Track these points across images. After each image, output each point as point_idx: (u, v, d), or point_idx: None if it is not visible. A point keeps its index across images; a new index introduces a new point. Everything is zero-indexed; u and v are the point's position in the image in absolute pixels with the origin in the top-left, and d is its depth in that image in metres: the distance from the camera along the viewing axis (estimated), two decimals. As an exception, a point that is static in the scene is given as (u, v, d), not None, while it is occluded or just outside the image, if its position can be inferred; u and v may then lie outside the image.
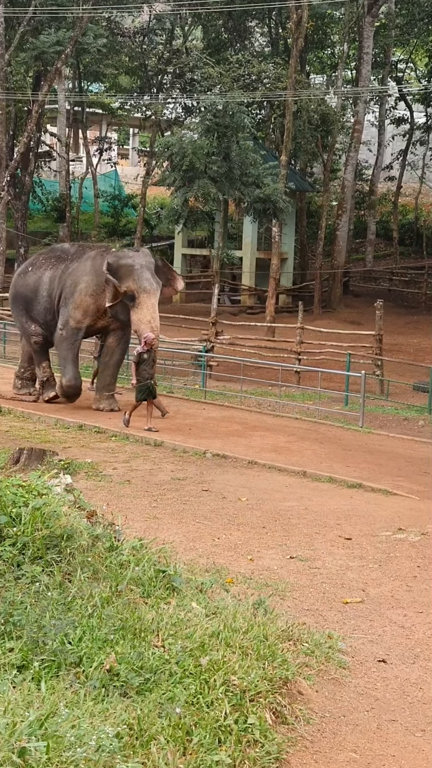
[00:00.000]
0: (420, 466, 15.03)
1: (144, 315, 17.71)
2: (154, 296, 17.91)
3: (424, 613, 7.50)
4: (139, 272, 17.94)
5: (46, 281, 19.17)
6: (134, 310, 17.75)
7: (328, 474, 13.60)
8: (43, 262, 19.65)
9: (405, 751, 5.08)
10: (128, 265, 18.01)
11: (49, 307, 19.11)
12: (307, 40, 36.87)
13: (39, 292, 19.22)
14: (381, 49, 41.11)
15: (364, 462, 15.08)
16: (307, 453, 15.46)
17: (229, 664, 5.10)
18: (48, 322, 19.18)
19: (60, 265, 19.17)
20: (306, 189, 41.12)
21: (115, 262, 18.02)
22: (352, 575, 8.47)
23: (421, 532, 10.18)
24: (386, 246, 45.19)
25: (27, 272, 19.80)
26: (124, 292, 17.66)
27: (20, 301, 19.71)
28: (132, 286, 17.74)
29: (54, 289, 19.00)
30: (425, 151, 46.13)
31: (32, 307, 19.37)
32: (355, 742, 5.09)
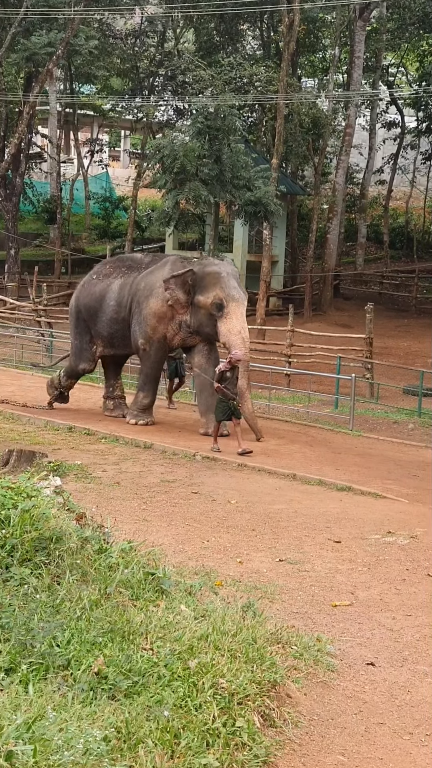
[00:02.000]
0: (409, 470, 15.07)
1: (234, 325, 16.53)
2: (242, 306, 16.82)
3: (413, 616, 7.51)
4: (227, 280, 16.85)
5: (116, 289, 17.83)
6: (222, 321, 16.57)
7: (318, 477, 13.61)
8: (111, 271, 18.30)
9: (392, 754, 5.08)
10: (215, 273, 16.91)
11: (116, 317, 17.73)
12: (298, 44, 36.93)
13: (106, 301, 17.85)
14: (372, 53, 41.21)
15: (353, 465, 15.10)
16: (297, 456, 15.47)
17: (218, 667, 5.10)
18: (113, 334, 17.89)
19: (132, 273, 17.89)
20: (297, 192, 41.18)
21: (201, 270, 16.99)
22: (341, 578, 8.47)
23: (410, 536, 10.20)
24: (377, 249, 45.30)
25: (92, 281, 18.43)
26: (211, 302, 16.54)
27: (84, 315, 18.20)
28: (220, 294, 16.62)
29: (124, 297, 17.68)
30: (416, 155, 46.27)
31: (97, 318, 17.96)
32: (342, 745, 5.09)
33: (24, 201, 44.54)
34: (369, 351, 23.37)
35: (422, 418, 20.04)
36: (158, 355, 17.48)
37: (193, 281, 16.78)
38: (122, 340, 17.87)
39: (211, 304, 16.59)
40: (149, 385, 17.62)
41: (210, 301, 16.61)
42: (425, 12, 38.12)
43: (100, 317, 17.91)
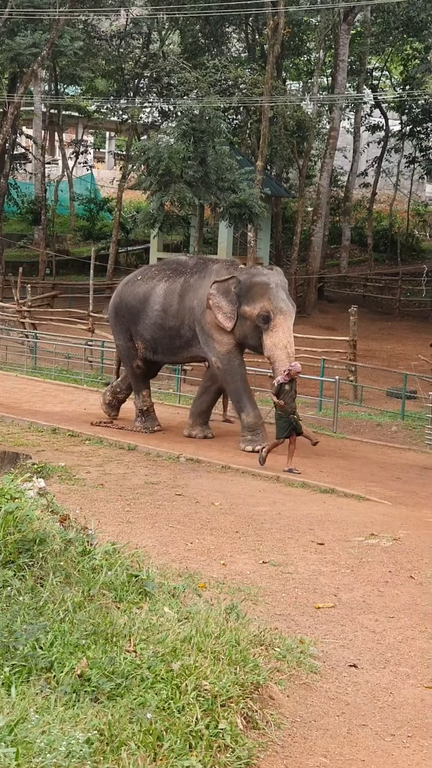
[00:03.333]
0: (393, 472, 15.11)
1: (280, 339, 15.75)
2: (290, 319, 16.06)
3: (395, 618, 7.54)
4: (275, 292, 16.10)
5: (160, 293, 17.12)
6: (268, 333, 15.82)
7: (301, 479, 13.66)
8: (156, 273, 17.63)
9: (375, 755, 5.10)
10: (263, 284, 16.19)
11: (160, 322, 17.05)
12: (283, 47, 36.98)
13: (149, 304, 17.17)
14: (357, 56, 41.31)
15: (337, 467, 15.14)
16: (280, 458, 15.48)
17: (201, 669, 5.10)
18: (156, 339, 17.22)
19: (178, 278, 17.16)
20: (281, 194, 41.22)
21: (248, 280, 16.27)
22: (325, 580, 8.50)
23: (393, 538, 10.23)
24: (361, 252, 45.40)
25: (136, 281, 17.77)
26: (257, 314, 15.89)
27: (124, 313, 17.59)
28: (268, 306, 15.89)
29: (172, 305, 16.96)
30: (400, 158, 46.40)
31: (139, 320, 17.31)
32: (325, 746, 5.10)
33: (8, 202, 44.41)
34: (353, 353, 23.41)
35: (405, 420, 20.10)
36: (234, 366, 16.49)
37: (238, 290, 16.14)
38: (168, 348, 17.26)
39: (258, 315, 15.90)
40: (243, 402, 16.48)
41: (257, 313, 15.92)
42: (409, 16, 38.21)
43: (143, 319, 17.25)
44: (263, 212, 29.93)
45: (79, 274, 40.84)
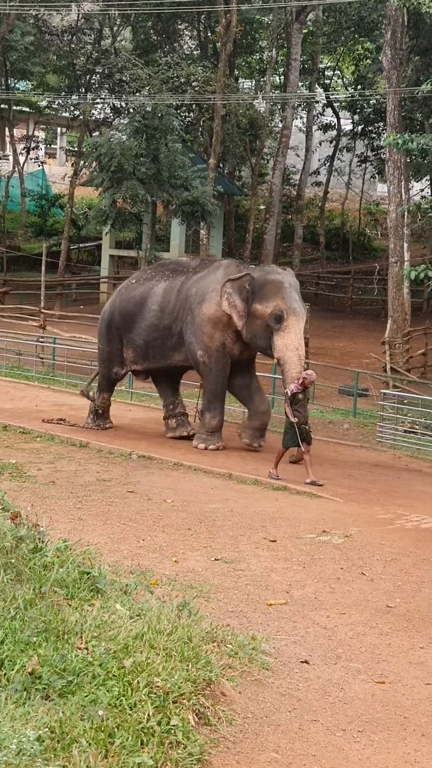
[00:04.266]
0: (344, 469, 15.21)
1: (292, 340, 15.17)
2: (302, 321, 15.55)
3: (347, 614, 7.59)
4: (289, 291, 15.51)
5: (159, 292, 16.45)
6: (279, 334, 15.20)
7: (254, 476, 13.68)
8: (154, 275, 16.99)
9: (325, 750, 5.13)
10: (277, 282, 15.59)
11: (156, 323, 16.35)
12: (235, 45, 37.00)
13: (147, 306, 16.46)
14: (309, 55, 41.48)
15: (289, 465, 15.19)
16: (233, 455, 15.52)
17: (153, 665, 5.09)
18: (149, 342, 16.51)
19: (178, 276, 16.54)
20: (234, 192, 41.27)
21: (262, 277, 15.68)
22: (277, 577, 8.52)
23: (344, 535, 10.31)
24: (313, 250, 45.59)
25: (131, 285, 17.10)
26: (270, 313, 15.27)
27: (118, 321, 16.87)
28: (281, 305, 15.26)
29: (170, 302, 16.29)
30: (352, 157, 46.66)
31: (133, 325, 16.58)
32: (276, 742, 5.12)
33: (-42, 198, 43.96)
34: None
35: (357, 418, 20.23)
36: (219, 366, 15.97)
37: (252, 288, 15.53)
38: (160, 350, 16.52)
39: (270, 314, 15.26)
40: (215, 403, 16.14)
41: (269, 312, 15.28)
42: (360, 16, 38.44)
43: (138, 323, 16.53)
44: (216, 210, 29.94)
45: (30, 270, 40.53)
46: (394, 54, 27.32)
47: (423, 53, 32.02)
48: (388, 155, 28.42)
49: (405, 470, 15.62)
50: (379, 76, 35.72)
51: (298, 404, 14.11)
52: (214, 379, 16.03)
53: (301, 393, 14.21)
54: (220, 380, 16.06)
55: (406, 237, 28.21)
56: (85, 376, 22.80)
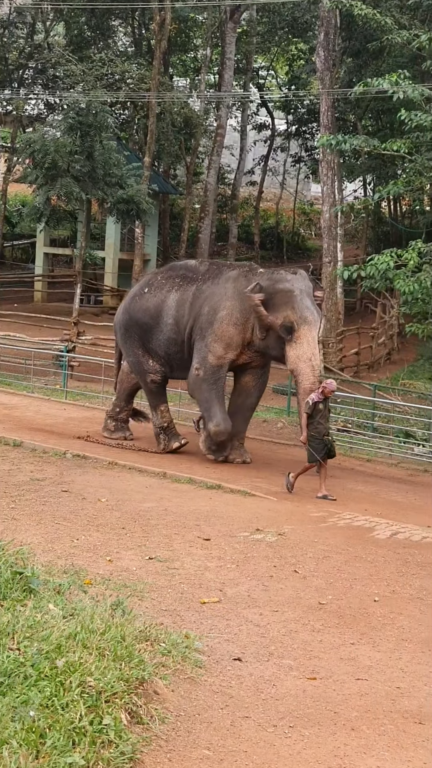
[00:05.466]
0: (278, 468, 15.28)
1: (304, 351, 14.60)
2: (315, 328, 14.93)
3: (279, 611, 7.66)
4: (300, 299, 14.87)
5: (172, 305, 15.75)
6: (292, 345, 14.66)
7: (188, 475, 13.70)
8: (164, 283, 16.18)
9: (257, 746, 5.18)
10: (287, 291, 14.92)
11: (174, 337, 15.72)
12: (170, 43, 37.02)
13: (162, 318, 15.76)
14: (243, 55, 41.62)
15: (223, 463, 15.25)
16: (167, 454, 15.52)
17: (86, 665, 5.09)
18: (171, 355, 15.90)
19: (189, 286, 15.81)
20: (169, 191, 41.25)
21: (270, 286, 14.99)
22: (210, 575, 8.56)
23: (278, 533, 10.39)
24: (248, 250, 45.77)
25: (143, 294, 16.27)
26: (280, 324, 14.74)
27: (135, 330, 16.11)
28: (291, 316, 14.68)
29: (183, 316, 15.63)
30: (286, 157, 46.96)
31: (151, 336, 15.92)
32: (208, 739, 5.15)
33: None
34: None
35: (291, 417, 20.35)
36: (213, 380, 15.37)
37: (264, 298, 14.88)
38: (183, 363, 15.80)
39: (281, 326, 14.71)
40: (215, 409, 15.33)
41: (279, 323, 14.72)
42: (294, 17, 38.70)
43: (156, 336, 15.90)
44: (151, 208, 29.90)
45: (-38, 268, 40.07)
46: (327, 55, 27.56)
47: (356, 55, 32.34)
48: (321, 156, 28.65)
49: (338, 468, 15.75)
50: (313, 77, 36.01)
51: (318, 415, 13.57)
52: (206, 389, 15.39)
53: (321, 403, 13.64)
54: (213, 390, 15.37)
55: (339, 237, 28.49)
56: (19, 375, 22.67)
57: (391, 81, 19.92)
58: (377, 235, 41.36)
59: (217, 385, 15.42)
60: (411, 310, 20.84)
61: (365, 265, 20.11)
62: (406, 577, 9.12)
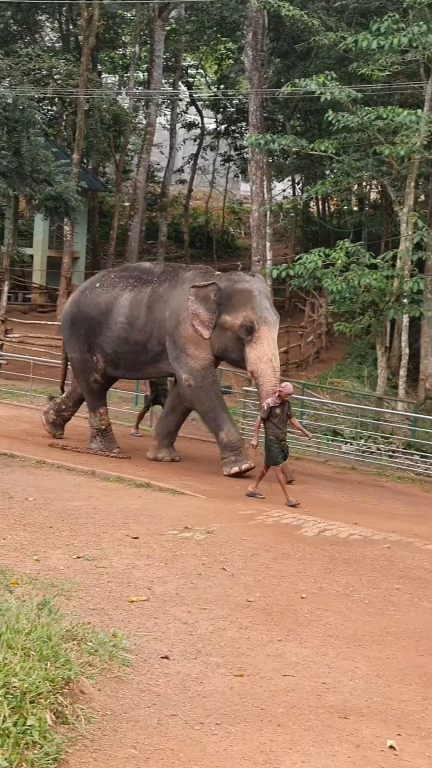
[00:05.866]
0: (207, 466, 15.34)
1: (265, 351, 14.55)
2: (274, 330, 14.92)
3: (207, 609, 7.67)
4: (259, 300, 14.88)
5: (125, 304, 15.53)
6: (252, 346, 14.60)
7: (117, 473, 13.68)
8: (118, 281, 15.92)
9: (184, 744, 5.18)
10: (246, 291, 14.93)
11: (125, 336, 15.48)
12: (98, 39, 36.81)
13: (112, 316, 15.55)
14: (172, 53, 41.61)
15: (152, 462, 15.25)
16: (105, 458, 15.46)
17: (10, 666, 5.03)
18: (119, 354, 15.66)
19: (144, 287, 15.62)
20: (98, 189, 41.07)
21: (229, 287, 15.00)
22: (139, 574, 8.54)
23: (206, 531, 10.41)
24: (177, 248, 45.78)
25: (94, 289, 16.05)
26: (240, 324, 14.67)
27: (82, 324, 15.91)
28: (251, 316, 14.65)
29: (138, 318, 15.42)
30: (215, 156, 47.06)
31: (99, 332, 15.69)
32: (135, 738, 5.14)
33: None
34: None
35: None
36: (208, 382, 15.15)
37: (219, 298, 14.89)
38: (132, 363, 15.75)
39: (240, 326, 14.68)
40: (219, 420, 15.12)
41: (239, 323, 14.70)
42: (222, 16, 38.80)
43: (104, 332, 15.68)
44: (80, 206, 29.76)
45: None
46: (256, 55, 27.69)
47: (284, 55, 32.55)
48: (250, 155, 28.82)
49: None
50: (242, 77, 36.18)
51: (276, 419, 13.41)
52: (206, 396, 15.12)
53: (278, 407, 13.45)
54: (213, 395, 15.16)
55: (268, 236, 28.66)
56: None
57: (318, 82, 20.12)
58: (306, 234, 41.69)
59: (214, 390, 15.23)
60: (339, 309, 21.09)
61: (294, 264, 20.30)
62: (333, 573, 9.21)
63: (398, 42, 19.58)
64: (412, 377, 24.93)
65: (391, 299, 20.15)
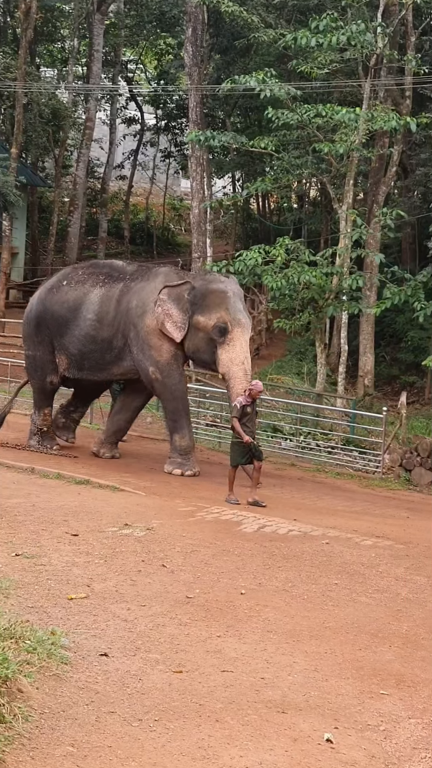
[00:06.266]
0: (147, 463, 15.33)
1: (237, 354, 14.30)
2: (247, 332, 14.67)
3: (147, 606, 7.68)
4: (233, 301, 14.61)
5: (95, 300, 15.12)
6: (224, 348, 14.35)
7: (56, 470, 13.60)
8: (86, 278, 15.50)
9: (122, 741, 5.18)
10: (220, 292, 14.67)
11: (93, 334, 15.07)
12: (36, 32, 36.46)
13: (81, 313, 15.14)
14: (111, 47, 41.36)
15: (92, 458, 15.21)
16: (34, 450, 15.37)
17: None
18: (84, 354, 15.23)
19: (115, 284, 15.22)
20: (37, 184, 40.67)
21: (203, 286, 14.74)
22: (78, 571, 8.51)
23: (146, 527, 10.41)
24: (118, 244, 45.56)
25: (61, 287, 15.57)
26: (213, 325, 14.41)
27: (49, 323, 15.48)
28: (225, 317, 14.38)
29: (108, 313, 15.01)
30: (155, 152, 46.93)
31: (66, 331, 15.29)
32: (73, 736, 5.13)
33: None
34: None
35: (160, 411, 20.38)
36: (174, 379, 14.85)
37: (193, 297, 14.62)
38: (97, 363, 15.27)
39: (213, 327, 14.40)
40: (180, 422, 14.92)
41: (212, 324, 14.42)
42: (162, 11, 38.71)
43: (71, 331, 15.25)
44: (18, 201, 29.51)
45: None
46: (196, 51, 27.68)
47: (223, 52, 32.57)
48: (191, 151, 28.81)
49: (207, 463, 15.90)
50: (181, 72, 36.12)
51: (246, 418, 13.20)
52: (171, 394, 14.89)
53: (249, 406, 13.27)
54: (178, 394, 14.93)
55: (208, 233, 28.69)
56: None
57: (258, 79, 20.20)
58: (246, 231, 41.79)
59: (181, 389, 14.99)
60: (279, 306, 21.22)
61: (234, 261, 20.38)
62: (272, 569, 9.27)
63: (337, 40, 19.70)
64: (351, 374, 25.19)
65: (331, 296, 20.31)
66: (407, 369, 26.24)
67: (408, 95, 23.20)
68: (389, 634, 7.65)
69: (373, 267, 22.28)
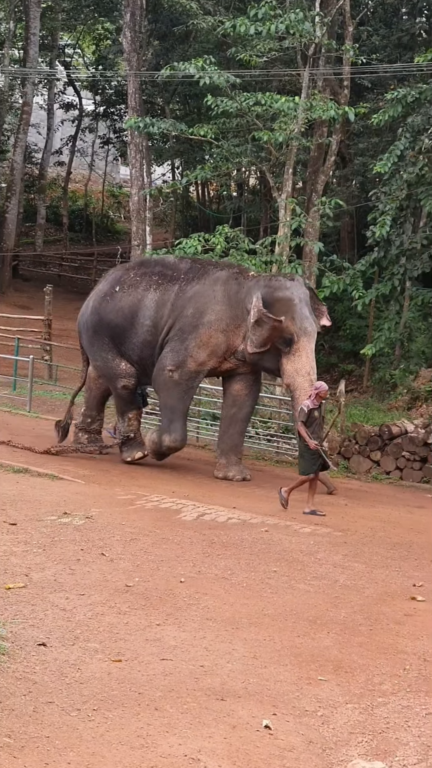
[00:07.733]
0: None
1: (303, 364, 13.80)
2: (313, 339, 14.08)
3: (86, 595, 7.65)
4: (299, 309, 13.99)
5: (151, 305, 14.45)
6: (289, 358, 13.86)
7: (-6, 460, 13.47)
8: (140, 280, 14.73)
9: (59, 731, 5.16)
10: (287, 300, 14.01)
11: (150, 339, 14.45)
12: (-27, 16, 35.93)
13: (138, 320, 14.48)
14: (48, 31, 40.88)
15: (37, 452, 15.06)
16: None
17: None
18: (144, 359, 14.63)
19: (170, 285, 14.52)
20: (-26, 169, 40.20)
21: (269, 295, 13.98)
22: (16, 560, 8.45)
23: (85, 516, 10.37)
24: (56, 231, 45.22)
25: (114, 293, 14.80)
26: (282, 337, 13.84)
27: (106, 332, 14.72)
28: (291, 327, 13.81)
29: (163, 317, 14.40)
30: (94, 138, 46.57)
31: (125, 339, 14.60)
32: (10, 727, 5.09)
33: None
34: (48, 333, 23.41)
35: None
36: (189, 385, 14.51)
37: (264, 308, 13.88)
38: (149, 364, 14.72)
39: (279, 337, 13.96)
40: (176, 423, 14.48)
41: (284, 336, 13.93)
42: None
43: (131, 339, 14.62)
44: None
45: None
46: (134, 36, 27.46)
47: (162, 38, 32.37)
48: (130, 138, 28.61)
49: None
50: (120, 58, 35.81)
51: (314, 423, 12.52)
52: (176, 395, 14.43)
53: (316, 409, 12.60)
54: (185, 398, 14.58)
55: (148, 220, 28.55)
56: None
57: (197, 66, 20.10)
58: (186, 219, 41.68)
59: (189, 394, 14.67)
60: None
61: (173, 249, 20.30)
62: (212, 557, 9.29)
63: (276, 28, 19.68)
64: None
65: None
66: (346, 357, 26.39)
67: (346, 85, 23.25)
68: (327, 621, 7.71)
69: (312, 256, 22.35)
